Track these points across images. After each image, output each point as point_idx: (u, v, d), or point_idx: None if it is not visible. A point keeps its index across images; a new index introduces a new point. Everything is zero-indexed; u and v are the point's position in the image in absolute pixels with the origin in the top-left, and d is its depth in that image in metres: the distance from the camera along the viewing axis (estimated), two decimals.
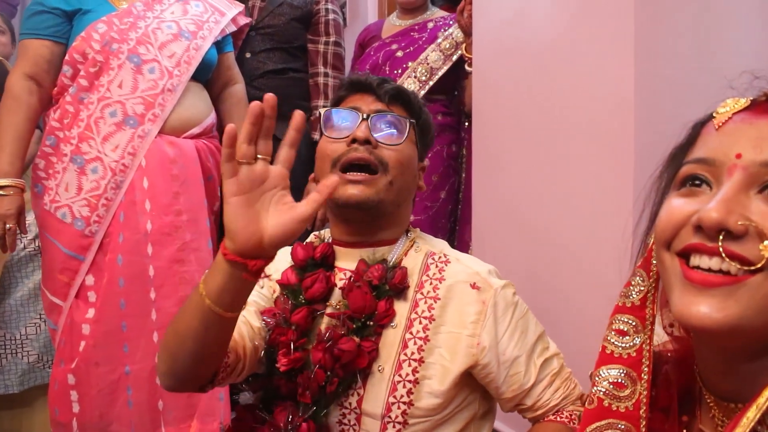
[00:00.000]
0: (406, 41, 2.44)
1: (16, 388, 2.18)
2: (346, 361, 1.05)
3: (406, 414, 1.04)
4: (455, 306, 1.08)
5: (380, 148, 1.10)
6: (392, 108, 1.15)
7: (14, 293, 2.17)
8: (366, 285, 1.08)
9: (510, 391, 1.09)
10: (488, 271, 1.14)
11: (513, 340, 1.08)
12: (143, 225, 1.81)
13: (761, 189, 0.59)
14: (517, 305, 1.12)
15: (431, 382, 1.05)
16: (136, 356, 1.83)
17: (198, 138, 1.95)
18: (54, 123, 1.88)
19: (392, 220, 1.15)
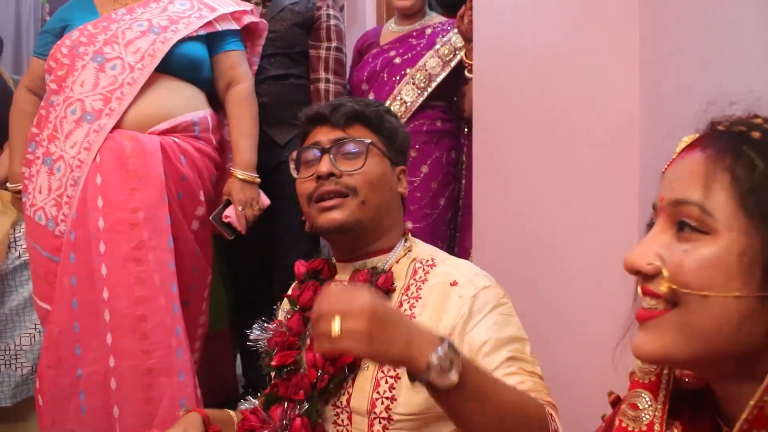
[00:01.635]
0: (404, 48, 2.40)
1: (9, 401, 2.15)
2: (333, 357, 1.10)
3: (389, 409, 1.07)
4: (434, 303, 1.11)
5: (344, 176, 1.16)
6: (350, 131, 1.20)
7: (8, 302, 2.16)
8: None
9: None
10: (476, 273, 1.15)
11: (484, 327, 1.07)
12: (95, 222, 1.75)
13: (678, 228, 0.63)
14: (499, 305, 1.11)
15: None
16: (87, 358, 1.75)
17: (167, 134, 1.88)
18: (33, 129, 1.95)
19: (379, 232, 1.20)
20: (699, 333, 0.61)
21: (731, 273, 0.59)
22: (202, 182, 1.97)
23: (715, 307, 0.60)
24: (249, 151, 2.02)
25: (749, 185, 0.60)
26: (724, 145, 0.63)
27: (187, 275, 1.90)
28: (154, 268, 1.77)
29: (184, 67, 1.93)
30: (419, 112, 2.32)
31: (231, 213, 2.00)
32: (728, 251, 0.60)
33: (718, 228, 0.61)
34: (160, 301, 1.76)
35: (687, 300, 0.61)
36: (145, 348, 1.74)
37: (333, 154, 1.18)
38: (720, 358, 0.62)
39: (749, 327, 0.59)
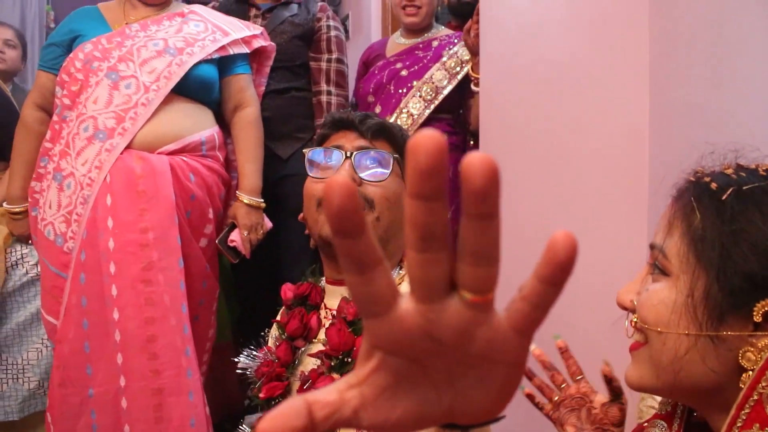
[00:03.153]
0: (411, 60, 2.40)
1: (16, 414, 2.16)
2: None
3: None
4: None
5: (365, 185, 1.10)
6: (376, 143, 1.15)
7: (15, 318, 2.16)
8: (341, 322, 1.09)
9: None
10: None
11: None
12: (105, 243, 1.76)
13: (652, 269, 0.69)
14: None
15: None
16: (98, 378, 1.75)
17: (176, 154, 1.89)
18: (46, 144, 1.94)
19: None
20: (663, 366, 0.66)
21: (679, 312, 0.65)
22: (211, 199, 1.98)
23: (670, 342, 0.65)
24: (255, 176, 2.04)
25: (699, 233, 0.65)
26: (687, 195, 0.68)
27: (197, 290, 1.91)
28: (164, 288, 1.77)
29: (196, 89, 1.94)
30: (426, 124, 2.32)
31: (236, 237, 2.01)
32: (679, 292, 0.65)
33: (674, 270, 0.66)
34: (170, 321, 1.77)
35: (650, 335, 0.68)
36: (155, 368, 1.74)
37: (356, 162, 1.12)
38: (690, 390, 0.66)
39: (706, 364, 0.63)
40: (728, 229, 0.63)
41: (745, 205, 0.63)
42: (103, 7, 2.01)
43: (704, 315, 0.63)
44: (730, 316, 0.62)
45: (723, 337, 0.62)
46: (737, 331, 0.62)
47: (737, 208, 0.63)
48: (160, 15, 1.98)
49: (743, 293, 0.62)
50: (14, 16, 4.80)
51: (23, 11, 4.83)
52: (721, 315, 0.62)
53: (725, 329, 0.62)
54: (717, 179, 0.66)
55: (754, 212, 0.63)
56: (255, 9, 2.39)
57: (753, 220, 0.62)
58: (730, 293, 0.62)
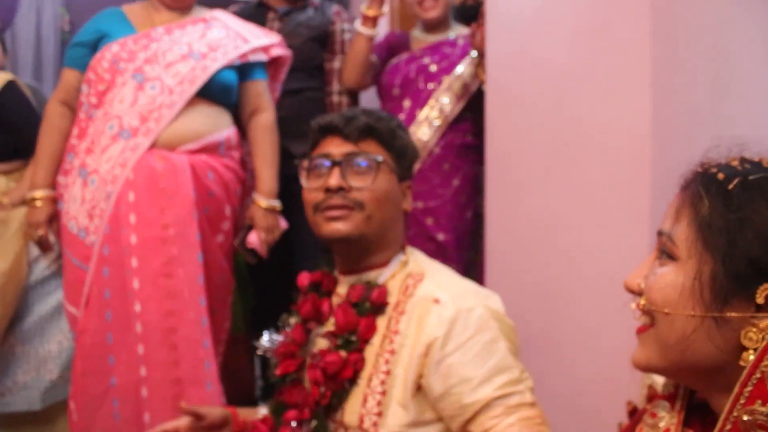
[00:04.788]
0: (439, 55, 2.41)
1: (38, 404, 2.22)
2: (332, 372, 1.14)
3: (376, 425, 1.11)
4: (416, 318, 1.14)
5: (353, 190, 1.19)
6: (362, 145, 1.22)
7: (37, 311, 2.23)
8: (347, 303, 1.19)
9: (449, 409, 1.10)
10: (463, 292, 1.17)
11: (463, 359, 1.09)
12: (127, 238, 1.83)
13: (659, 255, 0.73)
14: (483, 330, 1.12)
15: (396, 392, 1.12)
16: (120, 368, 1.83)
17: (196, 154, 1.96)
18: (73, 140, 2.01)
19: (380, 246, 1.23)
20: (670, 346, 0.70)
21: (685, 294, 0.69)
22: (228, 196, 2.05)
23: (677, 323, 0.69)
24: (271, 180, 2.11)
25: (706, 220, 0.69)
26: (695, 185, 0.72)
27: (214, 285, 1.98)
28: (183, 282, 1.84)
29: (217, 93, 2.01)
30: (455, 124, 2.35)
31: (253, 239, 2.09)
32: (686, 275, 0.69)
33: (681, 255, 0.71)
34: (189, 314, 1.84)
35: (657, 317, 0.72)
36: (174, 359, 1.82)
37: (343, 168, 1.20)
38: (694, 371, 0.70)
39: (710, 343, 0.68)
40: (734, 217, 0.67)
41: (751, 195, 0.68)
42: (127, 9, 2.08)
43: (710, 297, 0.67)
44: (735, 298, 0.66)
45: (727, 318, 0.66)
46: (741, 312, 0.66)
47: (743, 197, 0.68)
48: (184, 20, 2.05)
49: (747, 277, 0.66)
50: (30, 19, 4.88)
51: (39, 15, 4.91)
52: (725, 297, 0.67)
53: (729, 311, 0.66)
54: (723, 170, 0.71)
55: (760, 201, 0.67)
56: (273, 12, 2.46)
57: (758, 208, 0.67)
58: (734, 277, 0.66)
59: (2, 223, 2.17)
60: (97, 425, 1.84)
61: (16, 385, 2.21)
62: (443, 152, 2.35)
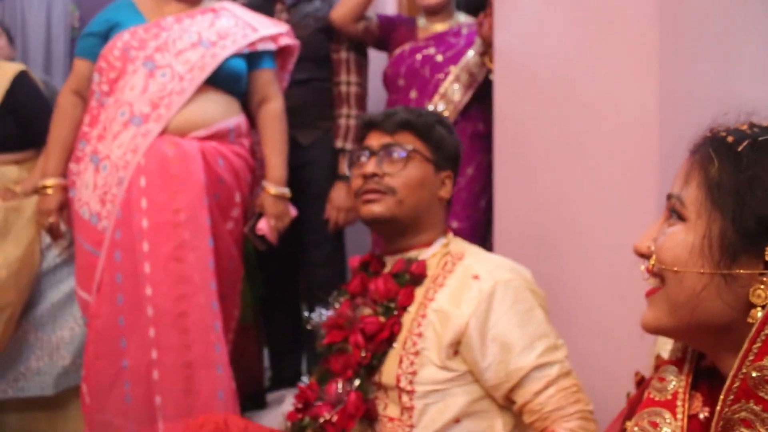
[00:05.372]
0: (444, 45, 2.41)
1: (51, 390, 2.26)
2: (371, 333, 1.25)
3: (412, 383, 1.21)
4: (453, 291, 1.24)
5: (386, 177, 1.31)
6: (398, 138, 1.35)
7: (50, 298, 2.26)
8: (388, 275, 1.31)
9: (495, 378, 1.19)
10: (499, 266, 1.28)
11: (506, 327, 1.19)
12: (138, 222, 1.86)
13: (668, 217, 0.75)
14: (522, 299, 1.24)
15: (429, 353, 1.22)
16: (131, 351, 1.85)
17: (206, 140, 1.99)
18: (84, 128, 2.04)
19: (418, 228, 1.34)
20: (680, 305, 0.72)
21: (695, 252, 0.70)
22: (238, 183, 2.08)
23: (687, 281, 0.70)
24: (280, 168, 2.14)
25: (715, 181, 0.71)
26: (704, 148, 0.74)
27: (224, 271, 2.00)
28: (194, 266, 1.87)
29: (226, 80, 2.03)
30: (465, 113, 2.36)
31: (263, 226, 2.11)
32: (695, 234, 0.71)
33: (690, 216, 0.72)
34: (199, 298, 1.87)
35: (667, 276, 0.73)
36: (185, 342, 1.84)
37: (380, 157, 1.33)
38: (704, 329, 0.72)
39: (719, 301, 0.69)
40: (744, 176, 0.69)
41: (760, 155, 0.69)
42: (137, 0, 2.10)
43: (719, 255, 0.69)
44: (743, 256, 0.68)
45: (736, 275, 0.68)
46: (749, 269, 0.67)
47: (753, 157, 0.69)
48: (193, 10, 2.08)
49: (756, 235, 0.67)
50: (40, 16, 4.93)
51: (49, 11, 4.96)
52: (734, 255, 0.68)
53: (738, 268, 0.68)
54: (732, 133, 0.73)
55: None
56: (280, 3, 2.47)
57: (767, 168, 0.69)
58: (744, 235, 0.68)
59: (15, 211, 2.20)
60: (110, 407, 1.87)
61: (29, 370, 2.25)
62: None
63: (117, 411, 1.86)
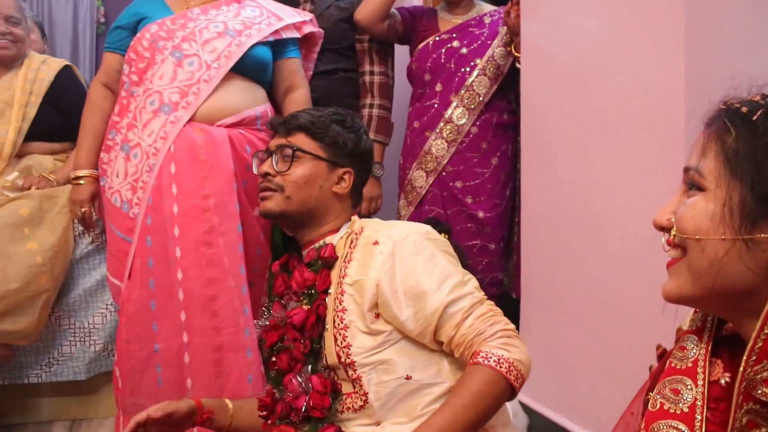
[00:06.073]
0: (468, 38, 2.41)
1: (83, 375, 2.31)
2: (299, 323, 1.31)
3: (349, 355, 1.27)
4: (359, 260, 1.31)
5: (278, 176, 1.40)
6: (292, 139, 1.42)
7: (82, 285, 2.31)
8: (302, 266, 1.37)
9: (417, 327, 1.24)
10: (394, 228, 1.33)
11: (412, 278, 1.25)
12: (169, 208, 1.89)
13: (687, 189, 0.77)
14: (420, 249, 1.28)
15: (356, 324, 1.28)
16: (163, 334, 1.89)
17: (233, 127, 2.02)
18: (114, 117, 2.08)
19: (315, 221, 1.41)
20: (702, 273, 0.74)
21: (716, 220, 0.72)
22: None
23: (709, 249, 0.73)
24: None
25: (732, 150, 0.73)
26: (720, 119, 0.76)
27: (252, 258, 2.03)
28: (224, 251, 1.90)
29: (252, 68, 2.06)
30: (489, 104, 2.37)
31: None
32: (714, 202, 0.73)
33: (709, 186, 0.74)
34: (229, 282, 1.90)
35: (688, 245, 0.75)
36: (215, 326, 1.87)
37: (275, 158, 1.42)
38: (726, 295, 0.74)
39: (741, 266, 0.71)
40: (760, 144, 0.71)
41: None
42: None
43: (739, 221, 0.71)
44: (763, 220, 0.70)
45: (757, 240, 0.70)
46: None
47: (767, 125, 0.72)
48: (218, 1, 2.11)
49: None
50: (67, 12, 5.02)
51: (75, 7, 5.04)
52: (754, 220, 0.70)
53: (758, 232, 0.70)
54: (746, 104, 0.75)
55: None
56: None
57: None
58: (762, 200, 0.70)
59: (50, 199, 2.26)
60: (142, 390, 1.90)
61: (62, 355, 2.30)
62: (480, 132, 2.37)
63: (149, 394, 1.90)
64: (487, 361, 1.16)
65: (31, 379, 2.30)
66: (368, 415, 1.28)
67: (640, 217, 1.60)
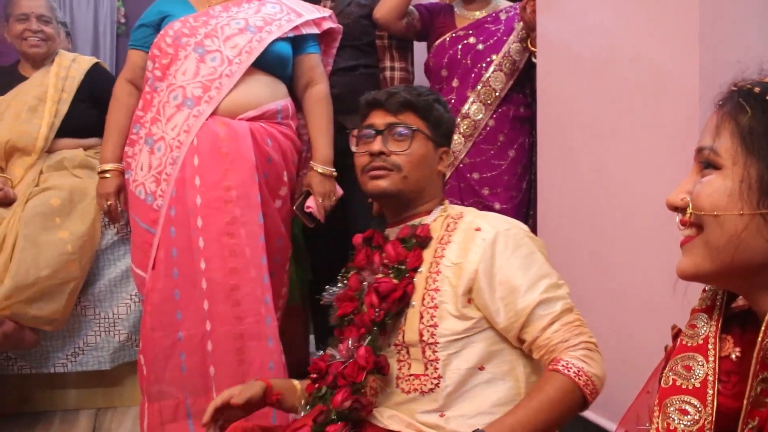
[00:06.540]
0: (484, 34, 2.44)
1: (108, 365, 2.36)
2: (385, 292, 1.32)
3: (434, 335, 1.28)
4: (459, 243, 1.32)
5: (392, 155, 1.39)
6: (401, 117, 1.42)
7: (107, 275, 2.37)
8: (396, 240, 1.40)
9: (505, 319, 1.26)
10: (497, 218, 1.37)
11: (510, 271, 1.27)
12: (192, 199, 1.94)
13: (700, 168, 0.79)
14: (522, 245, 1.31)
15: (447, 306, 1.29)
16: (186, 323, 1.93)
17: (255, 121, 2.06)
18: (138, 112, 2.13)
19: (419, 200, 1.42)
20: (719, 248, 0.75)
21: (734, 195, 0.74)
22: (286, 163, 2.15)
23: (727, 224, 0.74)
24: (327, 148, 2.21)
25: (747, 128, 0.75)
26: (732, 100, 0.78)
27: (272, 248, 2.07)
28: (245, 241, 1.94)
29: (273, 63, 2.11)
30: (505, 98, 2.39)
31: (312, 203, 2.18)
32: (731, 179, 0.75)
33: (725, 164, 0.76)
34: (251, 272, 1.94)
35: (706, 222, 0.77)
36: (237, 314, 1.92)
37: (385, 136, 1.41)
38: (744, 270, 0.76)
39: (760, 240, 0.73)
40: None
41: None
42: None
43: (757, 196, 0.73)
44: None
45: None
46: None
47: None
48: None
49: None
50: (88, 12, 5.09)
51: (96, 8, 5.12)
52: None
53: None
54: (758, 85, 0.78)
55: None
56: None
57: None
58: None
59: (81, 190, 2.32)
60: (166, 377, 1.95)
61: (87, 345, 2.36)
62: (497, 125, 2.40)
63: (173, 381, 1.95)
64: (567, 371, 1.18)
65: (57, 368, 2.35)
66: (434, 399, 1.28)
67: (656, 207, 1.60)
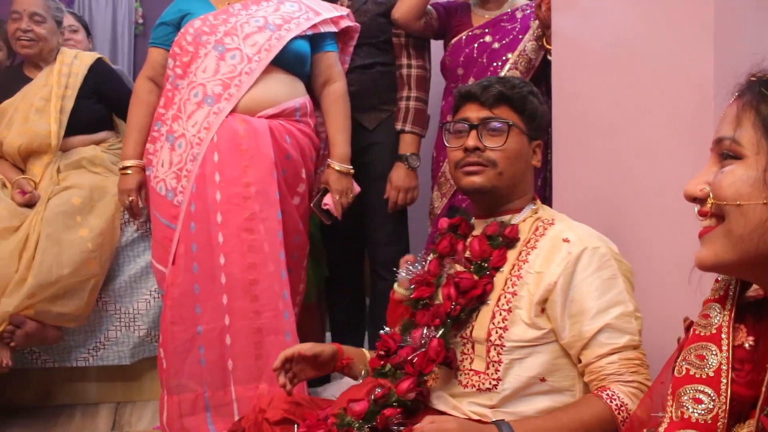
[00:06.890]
0: (500, 32, 2.43)
1: (127, 359, 2.40)
2: (464, 288, 1.30)
3: (502, 337, 1.27)
4: (545, 253, 1.29)
5: (488, 150, 1.35)
6: (496, 111, 1.38)
7: (127, 271, 2.40)
8: (482, 236, 1.37)
9: (569, 336, 1.25)
10: (589, 234, 1.33)
11: (586, 291, 1.24)
12: (212, 195, 1.97)
13: (720, 159, 0.79)
14: (607, 267, 1.27)
15: (521, 312, 1.27)
16: (205, 317, 1.96)
17: (274, 118, 2.09)
18: (159, 110, 2.17)
19: (512, 196, 1.39)
20: (741, 238, 0.75)
21: (757, 185, 0.74)
22: (304, 160, 2.18)
23: (749, 213, 0.74)
24: (344, 145, 2.23)
25: None
26: (752, 90, 0.78)
27: (290, 245, 2.10)
28: (264, 237, 1.97)
29: (291, 61, 2.14)
30: None
31: (329, 201, 2.20)
32: (754, 168, 0.75)
33: (747, 153, 0.76)
34: (269, 267, 1.97)
35: (728, 211, 0.76)
36: (255, 309, 1.95)
37: (480, 131, 1.37)
38: (764, 259, 0.75)
39: None
40: None
41: None
42: None
43: None
44: None
45: None
46: None
47: None
48: None
49: None
50: (107, 13, 5.15)
51: (114, 9, 5.18)
52: None
53: None
54: None
55: None
56: None
57: None
58: None
59: (101, 189, 2.36)
60: (185, 371, 1.98)
61: (108, 340, 2.40)
62: None
63: (192, 374, 1.98)
64: (610, 402, 1.17)
65: (78, 362, 2.39)
66: (490, 398, 1.27)
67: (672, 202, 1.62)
